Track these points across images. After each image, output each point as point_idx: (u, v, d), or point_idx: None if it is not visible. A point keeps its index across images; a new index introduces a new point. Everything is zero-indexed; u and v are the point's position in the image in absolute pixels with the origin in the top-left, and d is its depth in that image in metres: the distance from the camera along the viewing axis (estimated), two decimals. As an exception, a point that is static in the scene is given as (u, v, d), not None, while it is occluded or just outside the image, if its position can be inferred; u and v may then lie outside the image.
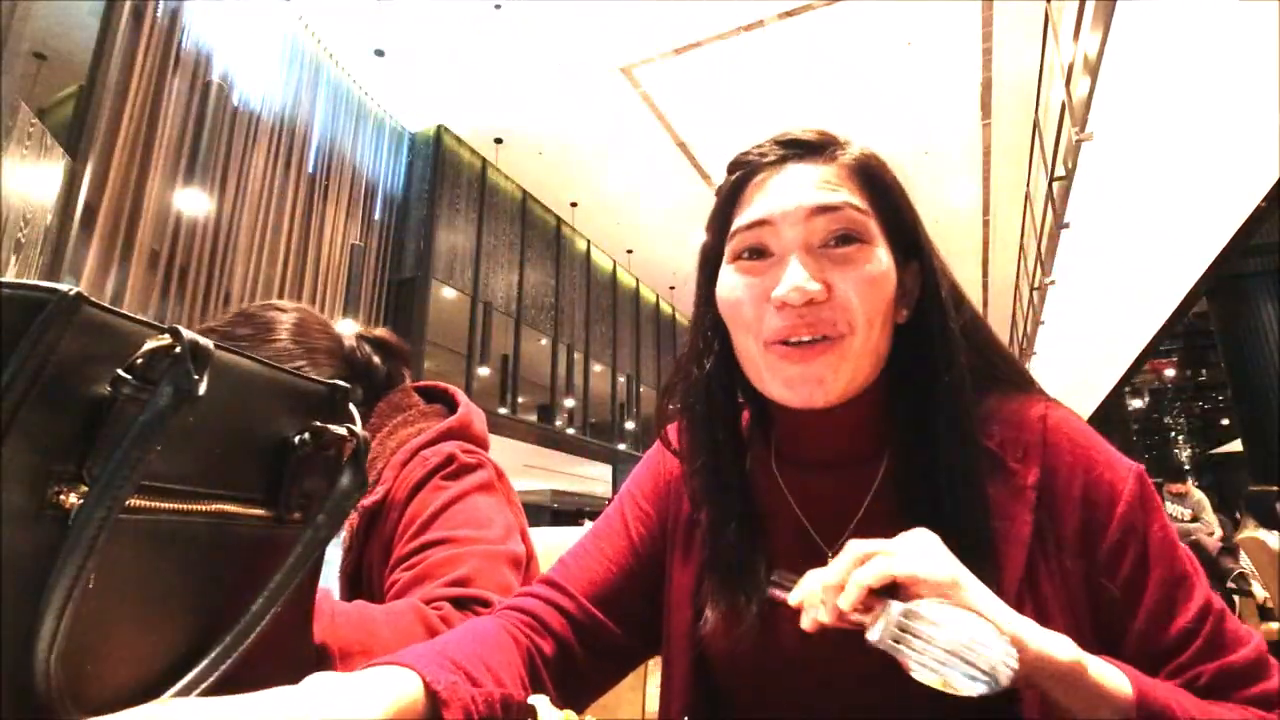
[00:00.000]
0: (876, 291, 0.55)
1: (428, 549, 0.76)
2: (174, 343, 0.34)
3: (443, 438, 0.88)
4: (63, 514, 0.32)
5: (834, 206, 0.55)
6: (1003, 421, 0.58)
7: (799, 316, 0.54)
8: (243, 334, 0.87)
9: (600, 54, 7.13)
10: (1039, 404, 0.59)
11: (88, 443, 0.33)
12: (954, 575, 0.45)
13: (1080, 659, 0.45)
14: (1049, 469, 0.55)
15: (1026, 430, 0.57)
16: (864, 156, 0.59)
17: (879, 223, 0.58)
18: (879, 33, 6.66)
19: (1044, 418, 0.58)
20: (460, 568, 0.74)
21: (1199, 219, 4.89)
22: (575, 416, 10.62)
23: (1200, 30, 3.17)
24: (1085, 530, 0.53)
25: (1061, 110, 4.32)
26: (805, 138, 0.59)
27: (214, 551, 0.40)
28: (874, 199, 0.58)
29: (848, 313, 0.55)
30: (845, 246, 0.55)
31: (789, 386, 0.56)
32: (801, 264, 0.55)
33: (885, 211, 0.58)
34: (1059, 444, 0.56)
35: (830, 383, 0.55)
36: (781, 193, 0.57)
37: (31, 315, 0.31)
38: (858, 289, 0.55)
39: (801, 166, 0.58)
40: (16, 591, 0.30)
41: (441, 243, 8.18)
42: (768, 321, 0.56)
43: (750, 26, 6.69)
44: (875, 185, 0.58)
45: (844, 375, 0.55)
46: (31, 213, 3.88)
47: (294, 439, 0.45)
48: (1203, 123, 3.81)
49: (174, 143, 5.35)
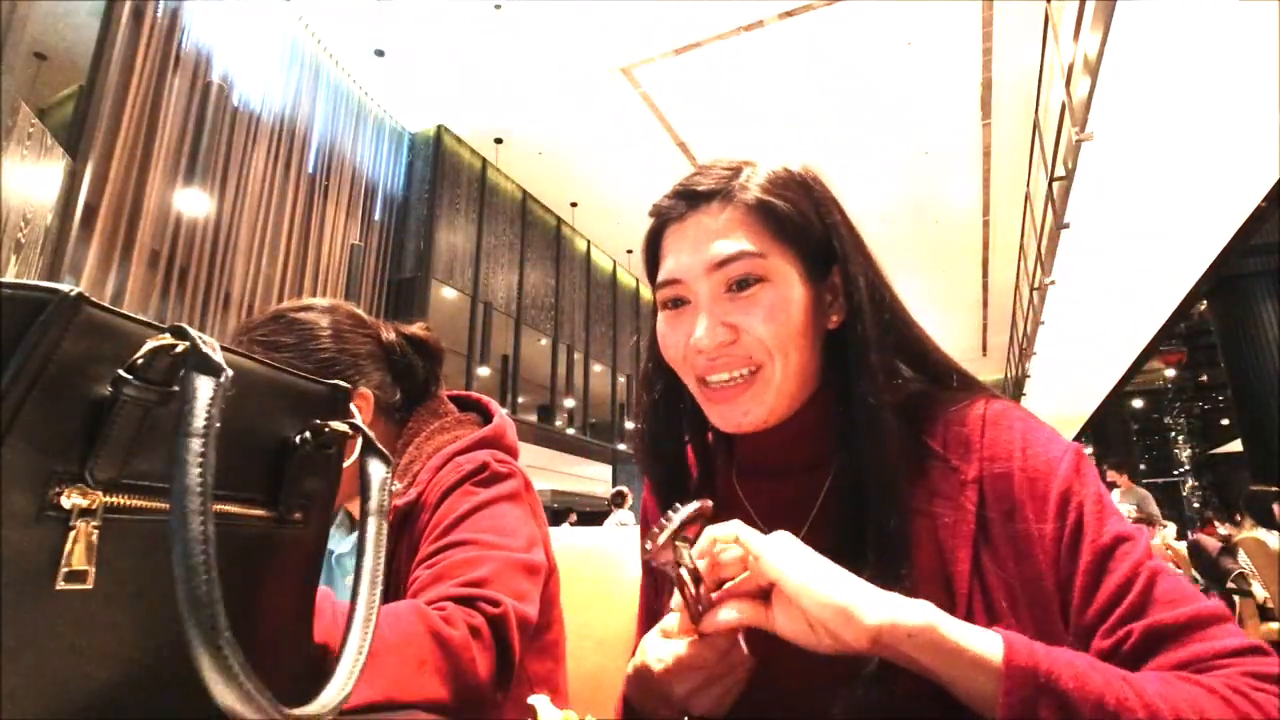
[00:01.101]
0: (782, 323, 0.60)
1: (450, 549, 0.78)
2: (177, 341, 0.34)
3: (477, 446, 0.90)
4: (63, 514, 0.32)
5: (729, 258, 0.61)
6: (946, 422, 0.61)
7: (713, 359, 0.61)
8: (286, 343, 0.88)
9: (600, 54, 7.13)
10: (980, 401, 0.62)
11: (89, 443, 0.33)
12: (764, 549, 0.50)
13: (931, 622, 0.45)
14: (988, 459, 0.58)
15: (968, 426, 0.60)
16: (760, 193, 0.62)
17: (784, 252, 0.62)
18: (879, 33, 6.66)
19: (983, 414, 0.60)
20: (478, 569, 0.75)
21: (1199, 219, 4.90)
22: (575, 416, 10.62)
23: (1200, 30, 3.18)
24: (1028, 511, 0.55)
25: (1061, 110, 4.32)
26: (700, 187, 0.64)
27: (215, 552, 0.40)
28: (776, 230, 0.62)
29: (759, 348, 0.61)
30: (747, 289, 0.61)
31: (719, 419, 0.63)
32: (708, 314, 0.61)
33: (789, 239, 0.62)
34: (996, 435, 0.59)
35: (755, 412, 0.61)
36: (685, 250, 0.63)
37: (32, 315, 0.31)
38: (764, 326, 0.60)
39: (699, 218, 0.63)
40: (17, 591, 0.30)
41: (441, 243, 8.18)
42: (693, 361, 0.63)
43: (750, 26, 6.69)
44: (775, 218, 0.62)
45: (767, 401, 0.61)
46: (31, 213, 3.88)
47: (294, 439, 0.45)
48: (1203, 123, 3.81)
49: (174, 143, 5.35)
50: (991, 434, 0.59)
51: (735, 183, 0.63)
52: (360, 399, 0.89)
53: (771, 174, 0.64)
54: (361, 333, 0.93)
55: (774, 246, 0.61)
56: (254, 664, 0.41)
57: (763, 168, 0.65)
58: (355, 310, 0.96)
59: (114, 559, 0.34)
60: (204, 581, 0.30)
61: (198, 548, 0.31)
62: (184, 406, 0.33)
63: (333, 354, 0.89)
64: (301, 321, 0.90)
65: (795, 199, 0.63)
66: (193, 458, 0.32)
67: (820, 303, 0.64)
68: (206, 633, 0.30)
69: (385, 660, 0.62)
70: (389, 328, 0.97)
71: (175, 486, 0.32)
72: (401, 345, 0.96)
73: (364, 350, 0.92)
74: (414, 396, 0.97)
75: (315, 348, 0.88)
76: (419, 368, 0.98)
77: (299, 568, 0.48)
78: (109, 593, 0.34)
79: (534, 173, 9.40)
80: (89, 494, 0.33)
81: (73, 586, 0.32)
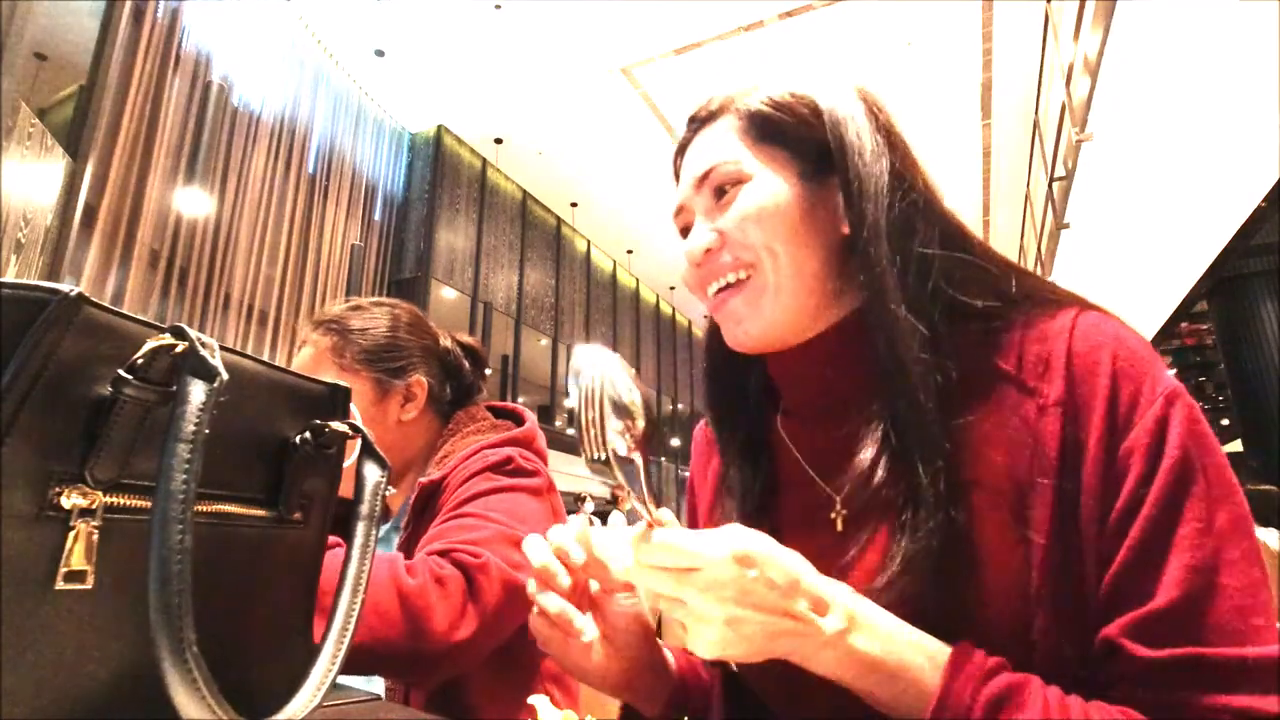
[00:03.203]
0: (763, 220, 0.57)
1: (457, 519, 0.82)
2: (177, 341, 0.34)
3: (507, 443, 0.96)
4: (63, 514, 0.32)
5: (710, 169, 0.60)
6: (1024, 338, 0.53)
7: (707, 267, 0.60)
8: (353, 326, 1.00)
9: (600, 54, 7.13)
10: (1068, 312, 0.53)
11: (89, 443, 0.33)
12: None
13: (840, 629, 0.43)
14: (1075, 378, 0.49)
15: (1050, 342, 0.51)
16: (753, 103, 0.61)
17: (770, 152, 0.59)
18: (879, 33, 6.66)
19: (1071, 326, 0.51)
20: (473, 534, 0.78)
21: (1199, 219, 4.89)
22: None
23: (1200, 30, 3.17)
24: (1105, 447, 0.47)
25: (1061, 110, 4.32)
26: (700, 112, 0.64)
27: (215, 552, 0.40)
28: (760, 134, 0.60)
29: (744, 249, 0.58)
30: (725, 194, 0.59)
31: (726, 334, 0.61)
32: (697, 226, 0.61)
33: (777, 140, 0.59)
34: (1087, 351, 0.50)
35: (750, 319, 0.58)
36: (683, 174, 0.64)
37: (33, 316, 0.31)
38: (744, 224, 0.58)
39: (695, 142, 0.64)
40: (17, 591, 0.30)
41: (441, 243, 8.18)
42: (692, 277, 0.62)
43: (750, 26, 6.68)
44: (762, 122, 0.60)
45: (765, 308, 0.58)
46: (31, 213, 3.88)
47: (294, 439, 0.45)
48: (1203, 123, 3.81)
49: (174, 143, 5.35)
50: (1080, 350, 0.50)
51: (731, 100, 0.62)
52: (416, 385, 1.00)
53: (775, 90, 0.62)
54: (421, 330, 1.05)
55: (757, 149, 0.59)
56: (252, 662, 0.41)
57: (768, 85, 0.62)
58: (418, 312, 1.08)
59: (114, 558, 0.34)
60: (176, 592, 0.30)
61: (173, 557, 0.31)
62: (175, 410, 0.33)
63: (391, 340, 1.00)
64: (369, 310, 1.03)
65: (788, 104, 0.60)
66: (179, 463, 0.32)
67: (820, 204, 0.58)
68: (174, 644, 0.30)
69: None
70: (446, 335, 1.09)
71: (159, 491, 0.32)
72: (455, 351, 1.07)
73: (420, 345, 1.03)
74: (459, 398, 1.06)
75: (377, 333, 1.00)
76: (467, 373, 1.08)
77: (299, 567, 0.48)
78: (108, 592, 0.34)
79: (534, 173, 9.39)
80: (89, 494, 0.33)
81: (72, 586, 0.32)
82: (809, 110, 0.60)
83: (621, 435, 0.45)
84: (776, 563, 0.43)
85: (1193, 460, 0.45)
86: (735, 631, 0.42)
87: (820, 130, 0.59)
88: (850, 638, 0.44)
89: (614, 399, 0.45)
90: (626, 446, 0.45)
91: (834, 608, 0.44)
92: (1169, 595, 0.43)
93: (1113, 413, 0.48)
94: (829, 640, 0.43)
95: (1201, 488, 0.45)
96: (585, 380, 0.45)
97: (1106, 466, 0.47)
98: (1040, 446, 0.48)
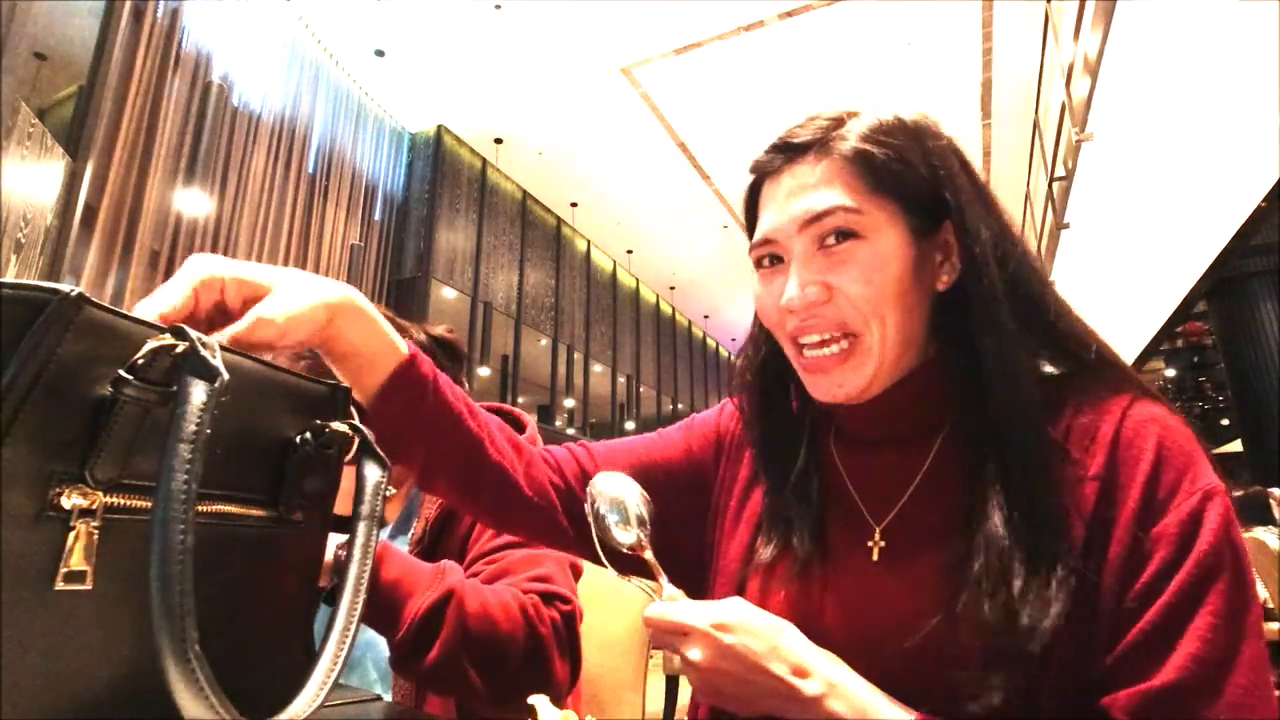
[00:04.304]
0: (879, 283, 0.56)
1: (508, 549, 0.87)
2: (178, 341, 0.34)
3: None
4: (63, 515, 0.32)
5: (821, 214, 0.57)
6: (1076, 409, 0.54)
7: (806, 319, 0.58)
8: None
9: (600, 54, 7.13)
10: (1126, 397, 0.53)
11: (89, 443, 0.33)
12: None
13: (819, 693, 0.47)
14: (1119, 458, 0.50)
15: (1102, 418, 0.52)
16: (859, 142, 0.58)
17: (883, 205, 0.57)
18: (879, 33, 6.66)
19: (1128, 410, 0.52)
20: (539, 567, 0.84)
21: (1199, 219, 4.89)
22: (575, 416, 10.61)
23: (1200, 30, 3.17)
24: (1136, 527, 0.49)
25: (1061, 110, 4.32)
26: (797, 139, 0.60)
27: (215, 553, 0.40)
28: (874, 182, 0.57)
29: (853, 311, 0.56)
30: (841, 244, 0.56)
31: (815, 389, 0.60)
32: (799, 273, 0.57)
33: (889, 190, 0.57)
34: (1134, 434, 0.51)
35: (851, 384, 0.58)
36: (778, 207, 0.59)
37: (33, 316, 0.31)
38: (858, 285, 0.56)
39: (794, 171, 0.59)
40: (17, 591, 0.30)
41: (441, 243, 8.18)
42: (785, 322, 0.59)
43: (750, 26, 6.68)
44: (874, 168, 0.57)
45: (865, 372, 0.57)
46: (31, 213, 3.88)
47: (295, 439, 0.45)
48: (1203, 123, 3.81)
49: (174, 143, 5.34)
50: (1129, 438, 0.51)
51: (835, 133, 0.59)
52: None
53: (876, 122, 0.59)
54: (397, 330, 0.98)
55: (872, 200, 0.57)
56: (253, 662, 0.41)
57: (867, 116, 0.60)
58: (388, 313, 1.00)
59: (114, 559, 0.34)
60: (178, 593, 0.30)
61: (175, 557, 0.31)
62: (176, 411, 0.33)
63: None
64: None
65: (899, 147, 0.58)
66: (179, 464, 0.32)
67: (926, 261, 0.58)
68: (177, 644, 0.30)
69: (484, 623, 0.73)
70: (418, 329, 1.02)
71: (160, 492, 0.31)
72: (430, 347, 1.00)
73: None
74: None
75: None
76: (446, 368, 1.02)
77: (299, 567, 0.48)
78: (109, 593, 0.34)
79: (534, 173, 9.39)
80: (89, 494, 0.33)
81: (72, 587, 0.32)
82: (913, 145, 0.58)
83: (639, 539, 0.58)
84: (753, 630, 0.50)
85: (1223, 558, 0.46)
86: (718, 681, 0.49)
87: (927, 179, 0.58)
88: (829, 702, 0.47)
89: (639, 516, 0.59)
90: (643, 545, 0.58)
91: (814, 674, 0.48)
92: (1171, 677, 0.44)
93: (1149, 495, 0.49)
94: (808, 702, 0.47)
95: (1225, 586, 0.45)
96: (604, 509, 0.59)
97: (1133, 546, 0.48)
98: (1075, 516, 0.50)
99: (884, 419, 0.61)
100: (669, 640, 0.52)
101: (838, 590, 0.57)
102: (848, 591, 0.53)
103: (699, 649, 0.49)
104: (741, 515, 0.68)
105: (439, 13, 6.64)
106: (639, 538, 0.57)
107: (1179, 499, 0.48)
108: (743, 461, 0.70)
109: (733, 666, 0.49)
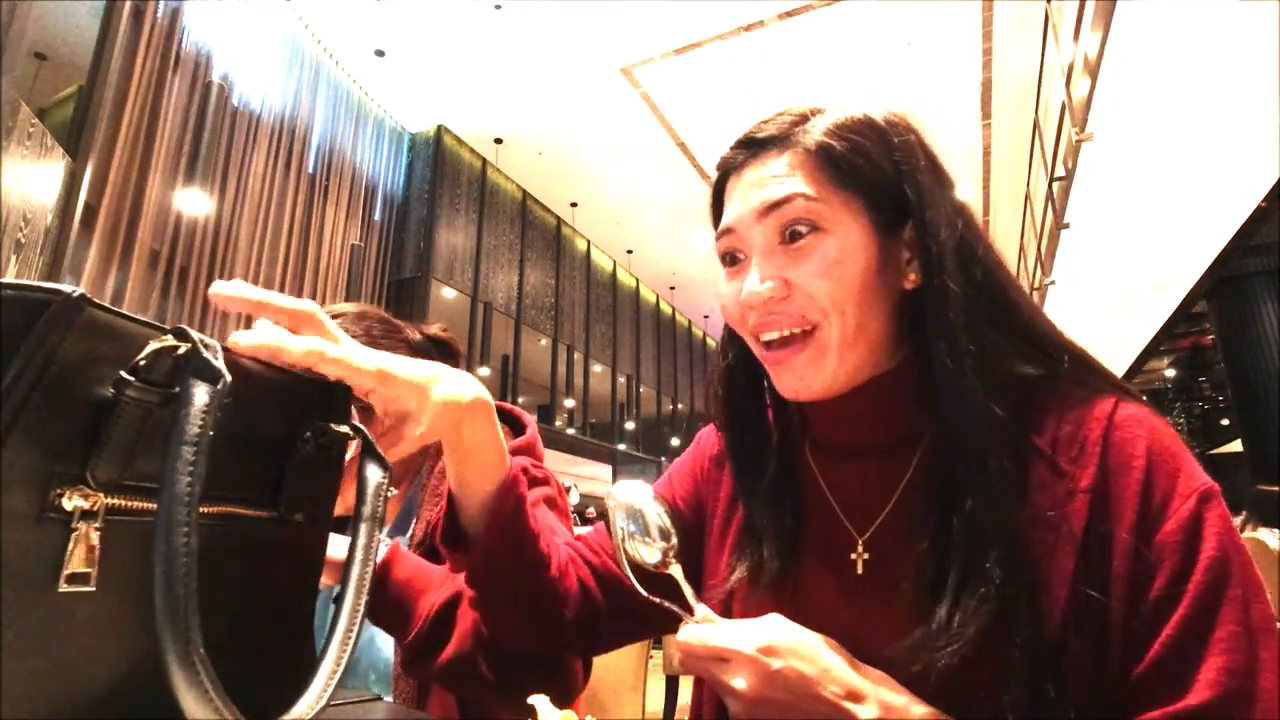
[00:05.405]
0: (838, 278, 0.54)
1: None
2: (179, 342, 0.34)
3: (514, 453, 0.94)
4: (65, 516, 0.32)
5: (779, 201, 0.56)
6: (1060, 417, 0.53)
7: (766, 314, 0.57)
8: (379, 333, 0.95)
9: (600, 54, 7.13)
10: (1108, 400, 0.53)
11: (90, 444, 0.33)
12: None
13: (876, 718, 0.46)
14: (1110, 468, 0.50)
15: (1087, 427, 0.51)
16: (823, 136, 0.57)
17: (846, 200, 0.56)
18: (879, 33, 6.66)
19: (1111, 415, 0.51)
20: None
21: (1199, 219, 4.90)
22: (575, 416, 10.62)
23: (1200, 30, 3.17)
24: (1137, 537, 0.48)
25: (1061, 110, 4.32)
26: (761, 134, 0.59)
27: (216, 554, 0.40)
28: (837, 177, 0.56)
29: (812, 305, 0.55)
30: (799, 240, 0.55)
31: (779, 384, 0.59)
32: (759, 266, 0.57)
33: (853, 186, 0.56)
34: (1123, 443, 0.50)
35: (812, 378, 0.56)
36: (739, 198, 0.59)
37: (34, 316, 0.31)
38: (818, 281, 0.55)
39: (756, 166, 0.59)
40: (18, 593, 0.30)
41: (441, 243, 8.18)
42: (748, 318, 0.58)
43: (750, 26, 6.68)
44: (836, 162, 0.56)
45: (827, 367, 0.56)
46: (31, 213, 3.88)
47: (295, 439, 0.45)
48: (1203, 123, 3.81)
49: (174, 143, 5.35)
50: (1118, 441, 0.50)
51: (798, 128, 0.58)
52: None
53: (841, 118, 0.58)
54: (394, 337, 0.98)
55: (834, 194, 0.55)
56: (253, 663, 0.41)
57: (833, 112, 0.58)
58: (384, 314, 1.01)
59: (116, 560, 0.34)
60: (182, 595, 0.30)
61: (179, 559, 0.30)
62: (179, 412, 0.33)
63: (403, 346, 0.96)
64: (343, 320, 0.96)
65: (862, 142, 0.57)
66: (183, 466, 0.32)
67: (892, 259, 0.57)
68: (181, 647, 0.30)
69: None
70: (413, 329, 1.01)
71: (163, 494, 0.31)
72: (425, 346, 1.00)
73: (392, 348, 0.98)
74: None
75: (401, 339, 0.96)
76: None
77: (299, 567, 0.48)
78: (111, 594, 0.34)
79: (534, 173, 9.39)
80: (90, 495, 0.33)
81: (75, 589, 0.32)
82: (878, 142, 0.57)
83: (664, 554, 0.57)
84: (801, 652, 0.48)
85: (1229, 561, 0.46)
86: (766, 711, 0.47)
87: (890, 175, 0.57)
88: None
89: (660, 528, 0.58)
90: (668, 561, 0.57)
91: (868, 698, 0.47)
92: (1206, 695, 0.43)
93: (1145, 504, 0.48)
94: None
95: (1237, 590, 0.45)
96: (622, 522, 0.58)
97: (1138, 556, 0.47)
98: (1066, 529, 0.49)
99: (856, 424, 0.60)
100: (706, 667, 0.49)
101: (821, 602, 0.56)
102: (832, 603, 0.52)
103: (744, 677, 0.47)
104: (727, 532, 0.66)
105: (439, 13, 6.64)
106: (664, 553, 0.56)
107: (1175, 503, 0.47)
108: (723, 481, 0.69)
109: (782, 695, 0.47)
